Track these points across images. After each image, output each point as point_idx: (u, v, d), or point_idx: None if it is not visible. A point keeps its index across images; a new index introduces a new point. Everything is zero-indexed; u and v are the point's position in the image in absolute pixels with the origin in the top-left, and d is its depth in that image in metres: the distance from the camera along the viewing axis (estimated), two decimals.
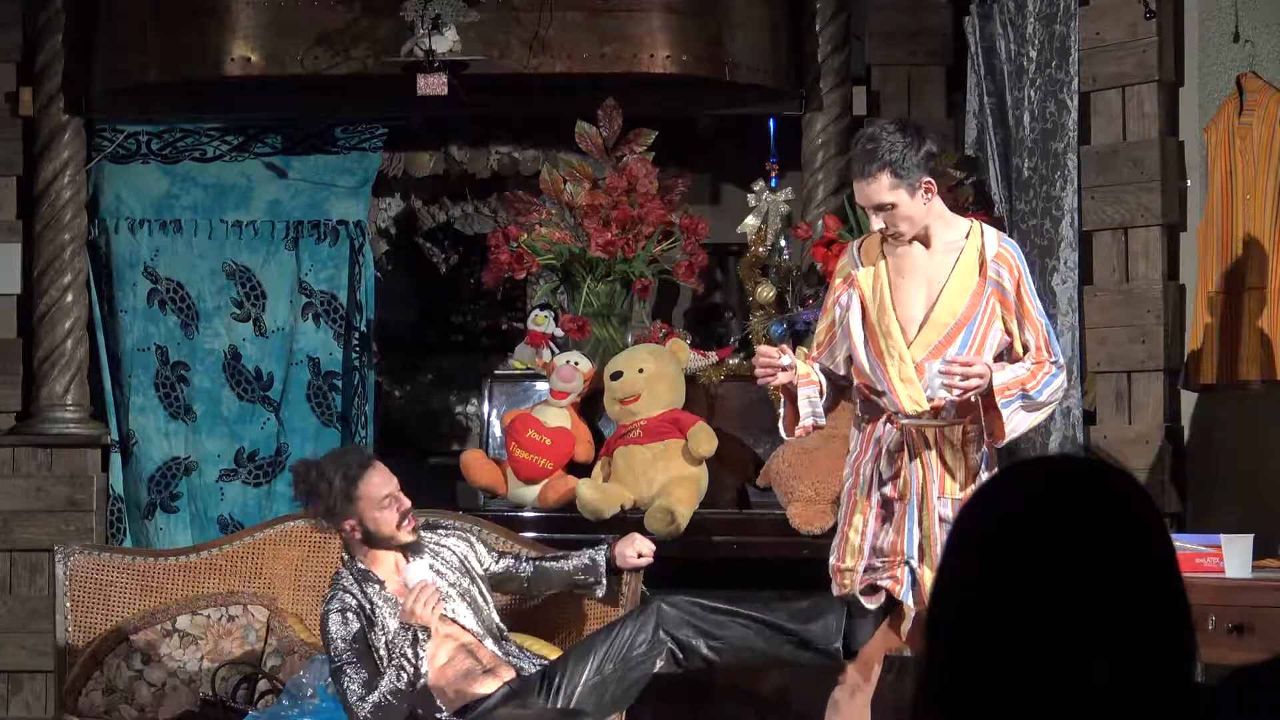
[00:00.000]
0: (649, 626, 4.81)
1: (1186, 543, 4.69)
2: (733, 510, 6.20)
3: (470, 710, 4.81)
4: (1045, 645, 1.66)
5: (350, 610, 4.75)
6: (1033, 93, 6.10)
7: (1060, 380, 4.65)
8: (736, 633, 4.86)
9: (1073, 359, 5.89)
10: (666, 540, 5.71)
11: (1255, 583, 4.58)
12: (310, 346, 7.18)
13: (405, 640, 4.64)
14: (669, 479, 5.99)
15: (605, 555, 5.13)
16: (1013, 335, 4.68)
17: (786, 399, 4.84)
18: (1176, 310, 5.74)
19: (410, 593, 4.70)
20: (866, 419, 4.77)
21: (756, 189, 6.58)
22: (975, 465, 4.66)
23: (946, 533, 3.11)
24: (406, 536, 4.90)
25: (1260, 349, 5.38)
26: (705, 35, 6.75)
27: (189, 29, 6.73)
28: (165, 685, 5.32)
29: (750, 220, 6.56)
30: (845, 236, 6.09)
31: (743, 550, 6.01)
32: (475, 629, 4.93)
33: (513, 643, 5.01)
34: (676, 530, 5.88)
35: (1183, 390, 5.71)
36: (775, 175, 6.64)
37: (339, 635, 4.73)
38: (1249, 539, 4.67)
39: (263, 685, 5.30)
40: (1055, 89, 6.01)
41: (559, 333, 6.51)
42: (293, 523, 5.57)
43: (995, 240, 4.74)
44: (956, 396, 4.56)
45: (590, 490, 5.97)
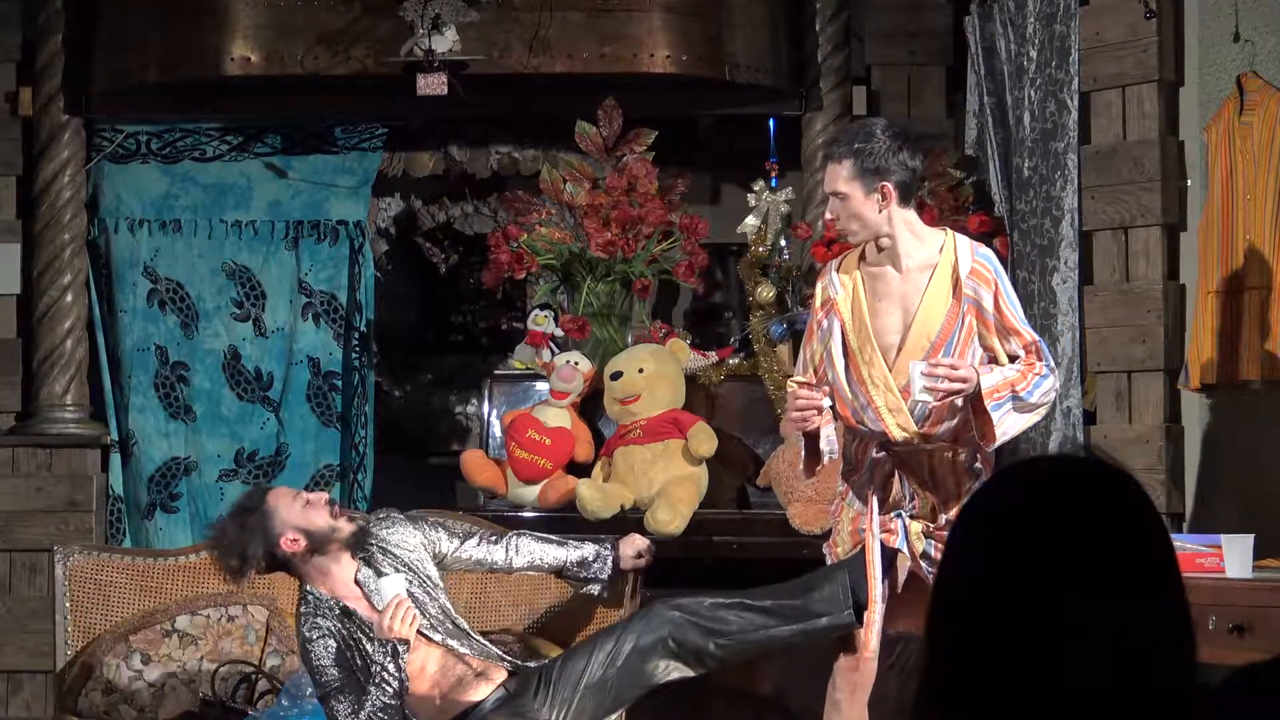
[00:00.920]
0: (651, 632, 4.72)
1: (1186, 543, 4.68)
2: (733, 510, 6.20)
3: (465, 718, 4.74)
4: (1046, 645, 1.66)
5: (329, 635, 4.64)
6: (1033, 92, 6.09)
7: (1051, 381, 4.56)
8: (743, 623, 4.73)
9: (1073, 359, 5.89)
10: (666, 540, 5.71)
11: (1255, 583, 4.57)
12: (310, 346, 7.18)
13: (385, 655, 4.54)
14: (669, 479, 5.99)
15: (613, 556, 5.04)
16: (994, 350, 4.58)
17: (806, 439, 4.71)
18: (1176, 310, 5.73)
19: (384, 612, 4.57)
20: (857, 442, 4.70)
21: (756, 189, 6.58)
22: (970, 485, 4.61)
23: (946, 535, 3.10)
24: (346, 524, 4.72)
25: (1260, 349, 5.38)
26: (705, 35, 6.74)
27: (189, 29, 6.72)
28: (165, 685, 5.32)
29: (750, 220, 6.56)
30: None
31: (743, 550, 6.01)
32: (450, 630, 4.79)
33: (479, 636, 4.89)
34: (676, 530, 5.88)
35: (1183, 390, 5.70)
36: (775, 175, 6.64)
37: (321, 663, 4.62)
38: (1249, 539, 4.66)
39: (262, 685, 5.30)
40: (1055, 89, 6.01)
41: (559, 333, 6.51)
42: None
43: (969, 254, 4.61)
44: (937, 400, 4.47)
45: (590, 490, 5.97)
